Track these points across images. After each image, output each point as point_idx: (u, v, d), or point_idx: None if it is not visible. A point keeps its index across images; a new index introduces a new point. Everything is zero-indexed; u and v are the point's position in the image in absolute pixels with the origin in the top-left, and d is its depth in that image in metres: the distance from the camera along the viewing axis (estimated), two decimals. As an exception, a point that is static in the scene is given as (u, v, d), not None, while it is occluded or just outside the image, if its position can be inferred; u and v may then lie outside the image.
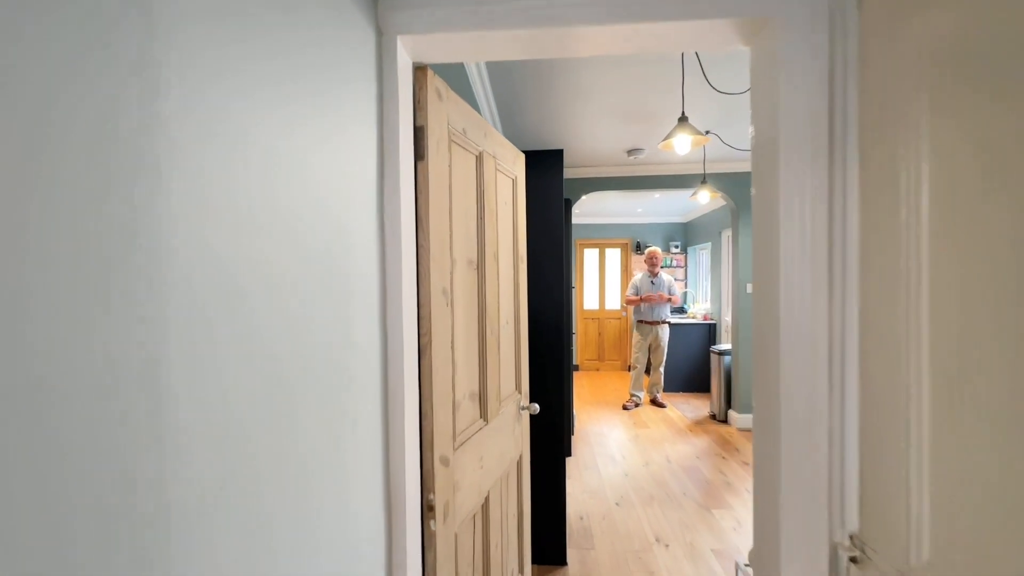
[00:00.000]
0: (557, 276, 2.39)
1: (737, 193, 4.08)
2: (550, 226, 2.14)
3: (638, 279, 4.96)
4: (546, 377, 2.34)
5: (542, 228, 2.14)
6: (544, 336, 2.37)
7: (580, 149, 3.57)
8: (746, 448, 3.63)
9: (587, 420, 4.46)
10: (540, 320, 2.36)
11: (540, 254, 2.13)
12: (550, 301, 2.75)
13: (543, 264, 2.15)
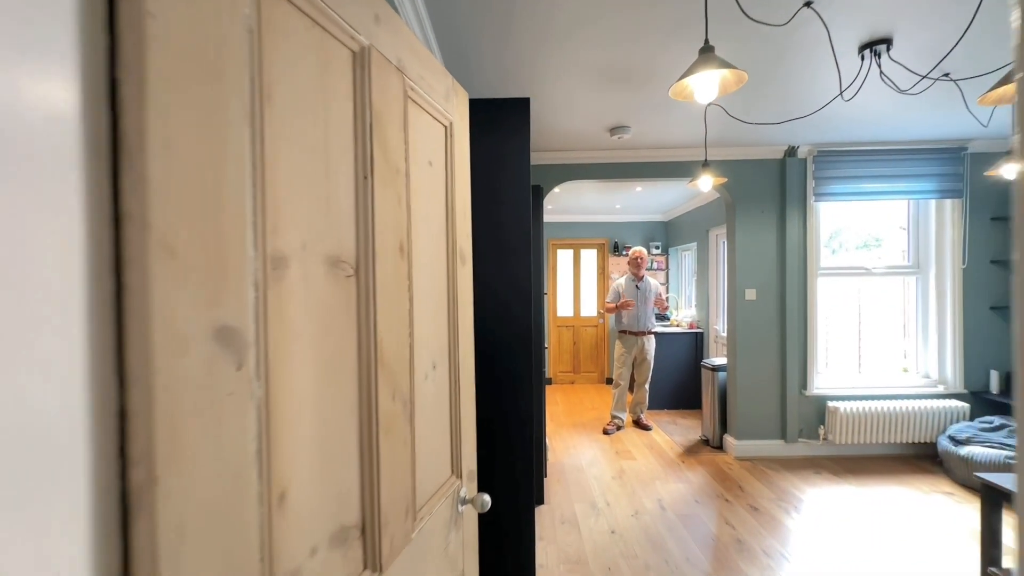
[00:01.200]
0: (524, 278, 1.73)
1: (735, 184, 3.51)
2: (512, 209, 1.46)
3: (621, 283, 4.35)
4: (512, 405, 1.65)
5: (500, 212, 1.46)
6: (507, 354, 1.70)
7: (551, 126, 2.91)
8: (751, 486, 3.05)
9: (562, 449, 3.80)
10: (501, 334, 1.68)
11: (498, 249, 1.45)
12: (516, 310, 2.12)
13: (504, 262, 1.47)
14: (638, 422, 4.35)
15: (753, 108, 2.58)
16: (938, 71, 2.17)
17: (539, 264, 2.77)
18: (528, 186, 1.44)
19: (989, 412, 3.40)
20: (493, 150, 1.42)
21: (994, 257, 3.45)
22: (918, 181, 3.40)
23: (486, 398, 1.45)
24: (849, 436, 3.37)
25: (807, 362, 3.50)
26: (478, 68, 2.11)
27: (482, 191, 1.42)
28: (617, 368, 4.32)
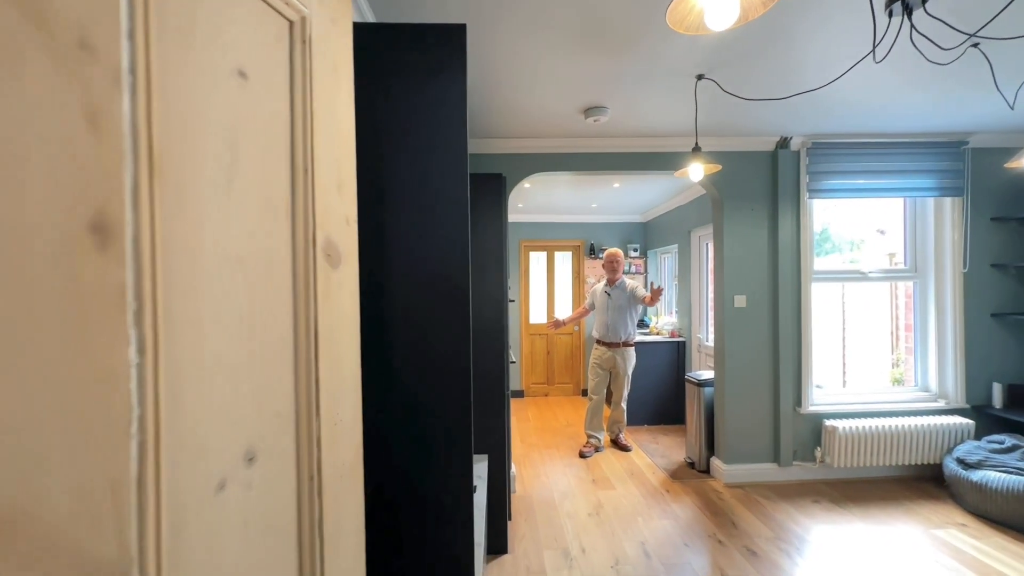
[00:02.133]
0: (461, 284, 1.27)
1: (724, 179, 3.15)
2: (444, 186, 1.00)
3: (596, 289, 3.96)
4: (440, 484, 1.19)
5: (427, 192, 0.99)
6: (435, 406, 1.24)
7: (515, 104, 2.47)
8: (745, 521, 2.67)
9: (532, 477, 3.35)
10: (425, 383, 1.22)
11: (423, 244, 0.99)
12: (449, 331, 1.70)
13: (429, 268, 1.00)
14: (616, 442, 3.94)
15: (750, 83, 2.20)
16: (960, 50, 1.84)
17: (502, 261, 2.32)
18: (462, 152, 0.99)
19: (995, 429, 3.13)
20: (411, 100, 0.96)
21: (995, 260, 3.19)
22: (916, 177, 3.11)
23: (399, 477, 0.99)
24: (848, 459, 3.04)
25: (802, 376, 3.16)
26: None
27: (398, 154, 0.96)
28: (591, 379, 3.91)
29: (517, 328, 5.74)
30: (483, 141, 3.00)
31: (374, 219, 0.95)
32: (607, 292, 3.83)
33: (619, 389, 3.86)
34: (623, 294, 3.80)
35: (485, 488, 2.11)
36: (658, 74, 2.13)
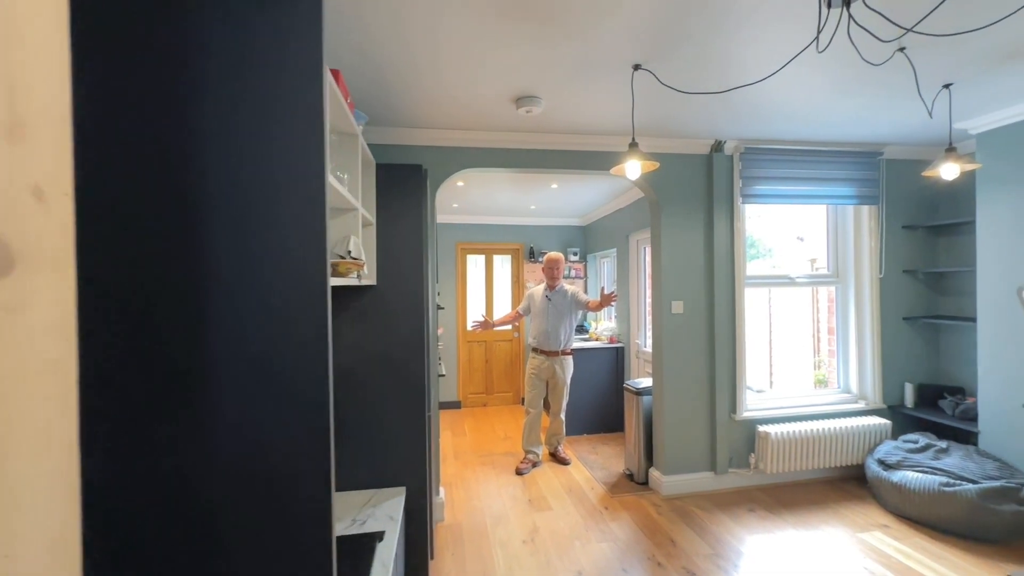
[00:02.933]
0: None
1: (661, 180, 3.06)
2: (288, 158, 0.70)
3: (534, 293, 3.77)
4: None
5: (259, 163, 0.69)
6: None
7: (439, 89, 2.20)
8: (684, 537, 2.55)
9: (464, 500, 3.07)
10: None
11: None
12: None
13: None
14: (555, 455, 3.75)
15: (687, 75, 2.07)
16: (895, 45, 1.81)
17: (423, 261, 2.03)
18: (315, 103, 0.70)
19: (908, 428, 3.28)
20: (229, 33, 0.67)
21: (906, 267, 3.36)
22: (838, 185, 3.20)
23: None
24: (780, 464, 3.04)
25: (736, 383, 3.13)
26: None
27: (209, 105, 0.65)
28: (528, 391, 3.69)
29: (453, 336, 5.43)
30: (403, 131, 2.70)
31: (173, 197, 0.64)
32: (547, 297, 3.64)
33: (558, 400, 3.68)
34: (564, 299, 3.63)
35: (399, 528, 1.81)
36: (593, 62, 1.94)
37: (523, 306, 3.83)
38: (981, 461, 2.61)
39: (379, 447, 2.01)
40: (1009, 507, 2.36)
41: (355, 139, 1.61)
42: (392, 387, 2.00)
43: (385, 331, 2.00)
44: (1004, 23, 1.67)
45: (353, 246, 1.54)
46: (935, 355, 3.38)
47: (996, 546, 2.40)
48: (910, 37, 1.76)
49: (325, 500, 0.72)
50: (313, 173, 0.71)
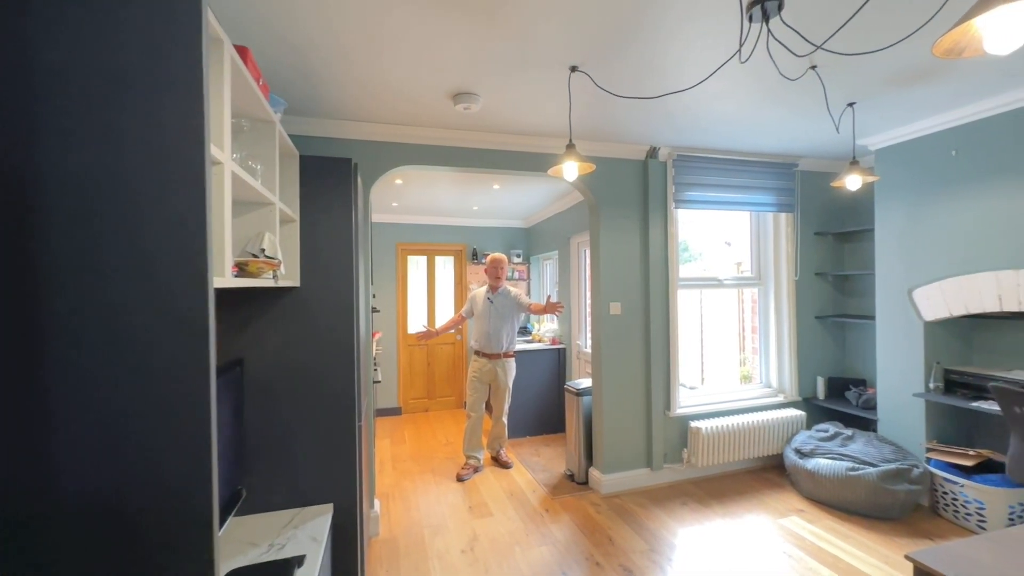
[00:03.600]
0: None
1: (599, 183, 3.11)
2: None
3: (477, 295, 3.69)
4: None
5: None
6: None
7: (373, 78, 2.08)
8: (621, 535, 2.59)
9: (402, 511, 2.93)
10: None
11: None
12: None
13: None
14: (497, 459, 3.70)
15: (622, 80, 2.11)
16: (809, 61, 1.94)
17: (351, 266, 1.90)
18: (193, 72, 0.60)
19: (820, 417, 3.56)
20: None
21: (818, 270, 3.65)
22: (760, 194, 3.42)
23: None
24: (710, 457, 3.19)
25: (670, 380, 3.25)
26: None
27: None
28: (470, 394, 3.62)
29: (393, 340, 5.24)
30: (333, 123, 2.54)
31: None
32: (489, 299, 3.59)
33: (500, 403, 3.64)
34: (507, 301, 3.59)
35: (324, 549, 1.67)
36: (531, 61, 1.92)
37: (466, 308, 3.76)
38: (880, 446, 2.87)
39: (304, 463, 1.86)
40: (903, 487, 2.62)
41: (271, 127, 1.47)
42: (318, 397, 1.86)
43: (310, 336, 1.85)
44: (897, 50, 1.84)
45: (268, 244, 1.40)
46: (842, 350, 3.71)
47: (893, 523, 2.65)
48: (821, 56, 1.89)
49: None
50: (185, 159, 0.60)
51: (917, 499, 2.68)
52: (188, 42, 0.59)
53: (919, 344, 2.84)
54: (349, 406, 1.90)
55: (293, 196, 1.77)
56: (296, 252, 1.78)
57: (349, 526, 1.93)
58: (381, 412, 5.15)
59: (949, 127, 2.66)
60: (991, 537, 1.25)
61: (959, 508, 2.59)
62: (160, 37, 0.58)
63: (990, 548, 1.20)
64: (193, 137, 0.60)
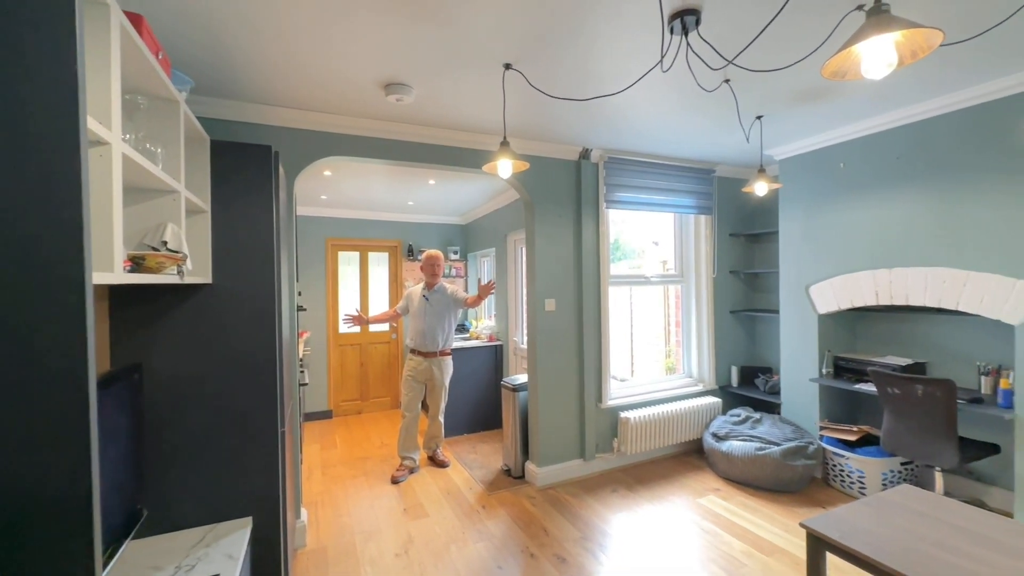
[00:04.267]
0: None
1: (534, 182, 3.15)
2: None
3: (413, 292, 3.61)
4: None
5: None
6: None
7: (298, 65, 1.96)
8: (556, 525, 2.67)
9: (332, 519, 2.80)
10: None
11: None
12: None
13: None
14: (434, 458, 3.65)
15: (555, 81, 2.15)
16: (723, 75, 2.10)
17: (271, 262, 1.77)
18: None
19: (733, 403, 3.88)
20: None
21: (732, 268, 3.98)
22: (683, 197, 3.66)
23: None
24: (638, 445, 3.37)
25: (602, 373, 3.38)
26: None
27: None
28: (405, 394, 3.53)
29: (323, 339, 4.98)
30: (253, 107, 2.35)
31: None
32: (425, 296, 3.52)
33: (436, 401, 3.58)
34: (443, 298, 3.54)
35: (242, 568, 1.55)
36: (465, 56, 1.90)
37: (401, 306, 3.66)
38: (783, 427, 3.19)
39: (218, 474, 1.71)
40: (801, 462, 2.93)
41: (175, 107, 1.33)
42: (235, 402, 1.72)
43: (225, 337, 1.70)
44: (796, 70, 2.04)
45: (171, 236, 1.27)
46: (752, 341, 4.07)
47: (793, 495, 2.96)
48: (733, 71, 2.05)
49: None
50: (54, 136, 0.52)
51: (812, 472, 3.01)
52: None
53: (814, 334, 3.19)
54: (270, 411, 1.78)
55: (203, 184, 1.62)
56: (207, 246, 1.63)
57: (271, 539, 1.82)
58: (309, 416, 4.89)
59: (838, 142, 3.00)
60: (866, 501, 1.44)
61: (845, 478, 2.95)
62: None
63: (865, 510, 1.38)
64: (63, 109, 0.52)
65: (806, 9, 1.60)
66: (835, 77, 1.16)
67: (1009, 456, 2.50)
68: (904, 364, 2.83)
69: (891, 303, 2.78)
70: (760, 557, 2.32)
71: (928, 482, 2.80)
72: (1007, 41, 1.86)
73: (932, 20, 1.68)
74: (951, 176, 2.50)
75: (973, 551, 1.16)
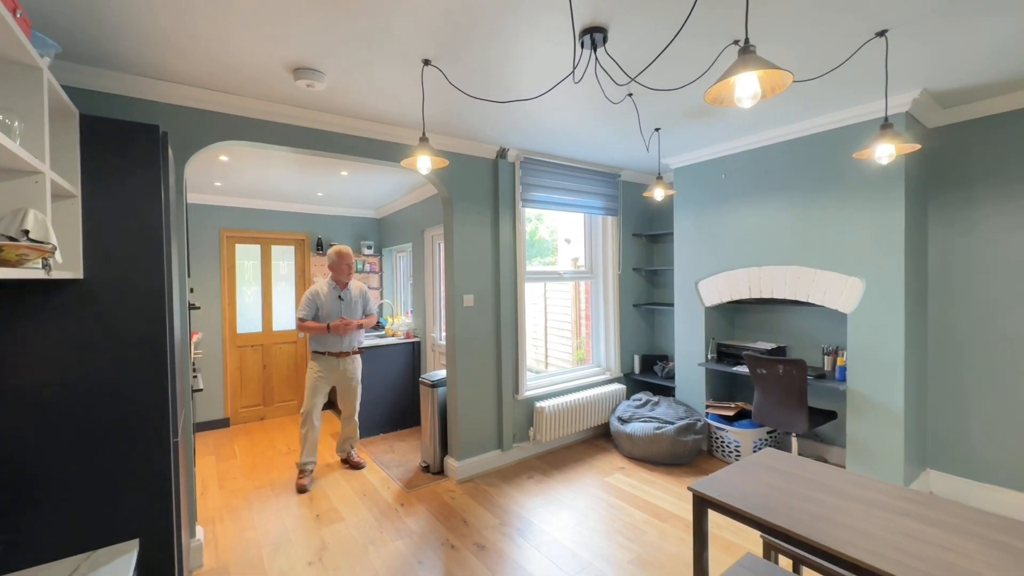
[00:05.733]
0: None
1: (452, 178, 3.17)
2: None
3: (320, 291, 3.38)
4: None
5: None
6: None
7: (191, 38, 1.78)
8: (475, 515, 2.73)
9: (234, 533, 2.59)
10: None
11: None
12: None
13: None
14: (348, 460, 3.52)
15: (473, 82, 2.20)
16: (627, 90, 2.30)
17: (160, 256, 1.60)
18: None
19: (636, 389, 4.26)
20: None
21: (635, 265, 4.34)
22: (592, 198, 3.91)
23: None
24: (552, 432, 3.56)
25: (518, 366, 3.51)
26: None
27: None
28: (310, 398, 3.29)
29: (218, 340, 4.53)
30: (138, 80, 2.08)
31: None
32: (340, 297, 3.36)
33: (350, 402, 3.45)
34: (358, 298, 3.44)
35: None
36: (383, 48, 1.87)
37: (308, 309, 3.27)
38: (677, 408, 3.58)
39: (97, 495, 1.51)
40: (691, 437, 3.32)
41: (36, 74, 1.15)
42: (118, 414, 1.53)
43: (101, 341, 1.50)
44: (687, 91, 2.31)
45: (34, 224, 1.10)
46: (652, 332, 4.49)
47: (685, 467, 3.34)
48: (635, 87, 2.26)
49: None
50: None
51: (700, 446, 3.42)
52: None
53: (701, 324, 3.62)
54: (160, 422, 1.61)
55: (72, 165, 1.42)
56: (78, 236, 1.43)
57: (162, 562, 1.65)
58: (203, 426, 4.42)
59: (722, 156, 3.43)
60: (737, 465, 1.70)
61: (725, 448, 3.39)
62: None
63: (737, 472, 1.63)
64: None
65: (696, 37, 1.82)
66: (715, 103, 1.35)
67: (843, 421, 3.07)
68: (770, 348, 3.33)
69: (761, 296, 3.25)
70: (658, 524, 2.60)
71: (786, 446, 3.33)
72: (847, 82, 2.28)
73: (789, 62, 2.01)
74: (802, 190, 2.99)
75: (813, 495, 1.43)
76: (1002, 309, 2.60)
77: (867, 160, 2.58)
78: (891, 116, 2.53)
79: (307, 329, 3.24)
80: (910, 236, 2.62)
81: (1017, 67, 2.15)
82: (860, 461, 2.73)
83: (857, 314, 2.75)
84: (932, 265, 2.85)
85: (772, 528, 1.30)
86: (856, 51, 1.94)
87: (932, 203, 2.84)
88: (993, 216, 2.62)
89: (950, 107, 2.67)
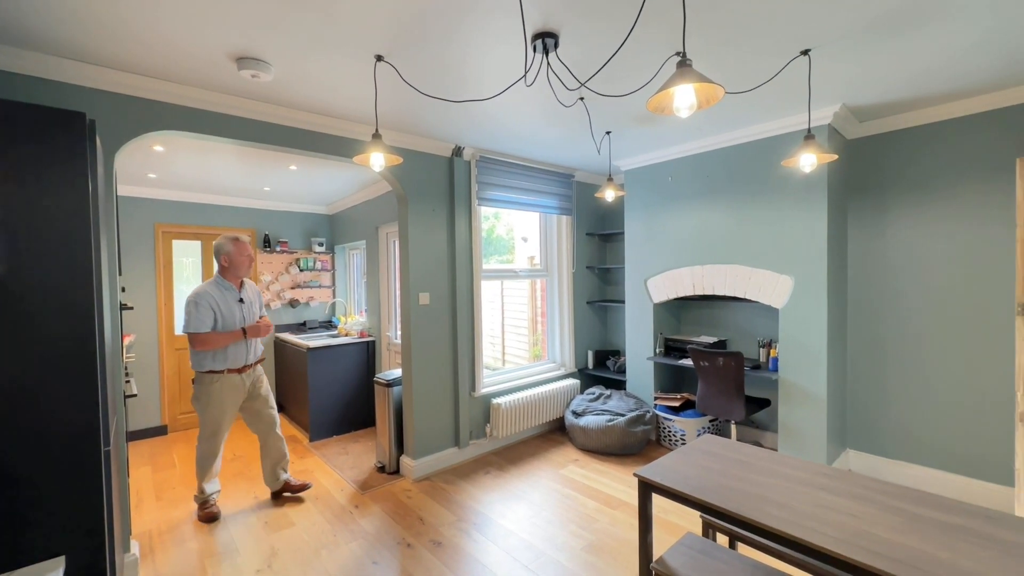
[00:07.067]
0: None
1: (407, 176, 3.14)
2: None
3: (211, 296, 2.70)
4: None
5: None
6: None
7: (122, 18, 1.68)
8: (431, 513, 2.74)
9: (172, 545, 2.46)
10: None
11: None
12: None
13: None
14: (287, 487, 2.98)
15: (427, 80, 2.19)
16: (578, 94, 2.38)
17: (88, 252, 1.49)
18: None
19: (589, 383, 4.39)
20: None
21: (588, 264, 4.48)
22: (547, 198, 4.00)
23: None
24: (508, 428, 3.62)
25: (475, 363, 3.54)
26: None
27: None
28: (215, 421, 2.70)
29: (153, 343, 4.24)
30: (62, 63, 1.92)
31: None
32: (240, 299, 2.80)
33: (266, 418, 2.92)
34: (255, 300, 2.93)
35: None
36: (334, 41, 1.83)
37: (206, 319, 2.65)
38: (627, 400, 3.73)
39: (17, 511, 1.39)
40: (640, 428, 3.47)
41: (-59, 54, 1.05)
42: (33, 425, 1.42)
43: (20, 344, 1.39)
44: (633, 98, 2.41)
45: (-60, 218, 1.00)
46: (604, 328, 4.65)
47: (635, 456, 3.49)
48: (586, 91, 2.34)
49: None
50: None
51: (649, 436, 3.59)
52: None
53: (650, 320, 3.79)
54: (88, 431, 1.51)
55: (-17, 154, 1.30)
56: (-9, 231, 1.31)
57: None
58: (138, 434, 4.14)
59: (668, 159, 3.60)
60: (679, 451, 1.81)
61: (672, 437, 3.58)
62: None
63: (678, 457, 1.74)
64: None
65: (640, 49, 1.91)
66: (657, 111, 1.44)
67: (775, 408, 3.32)
68: (712, 341, 3.54)
69: (704, 293, 3.45)
70: (608, 511, 2.72)
71: (726, 432, 3.56)
72: (776, 95, 2.47)
73: (722, 77, 2.15)
74: (739, 194, 3.20)
75: (748, 476, 1.56)
76: (911, 304, 2.91)
77: (794, 168, 2.81)
78: (814, 128, 2.76)
79: (212, 343, 2.62)
80: (832, 238, 2.87)
81: (924, 86, 2.41)
82: (790, 444, 2.97)
83: (787, 309, 2.98)
84: (852, 264, 3.14)
85: (708, 507, 1.40)
86: (783, 68, 2.11)
87: (851, 208, 3.13)
88: (900, 219, 2.92)
89: (866, 120, 2.95)
